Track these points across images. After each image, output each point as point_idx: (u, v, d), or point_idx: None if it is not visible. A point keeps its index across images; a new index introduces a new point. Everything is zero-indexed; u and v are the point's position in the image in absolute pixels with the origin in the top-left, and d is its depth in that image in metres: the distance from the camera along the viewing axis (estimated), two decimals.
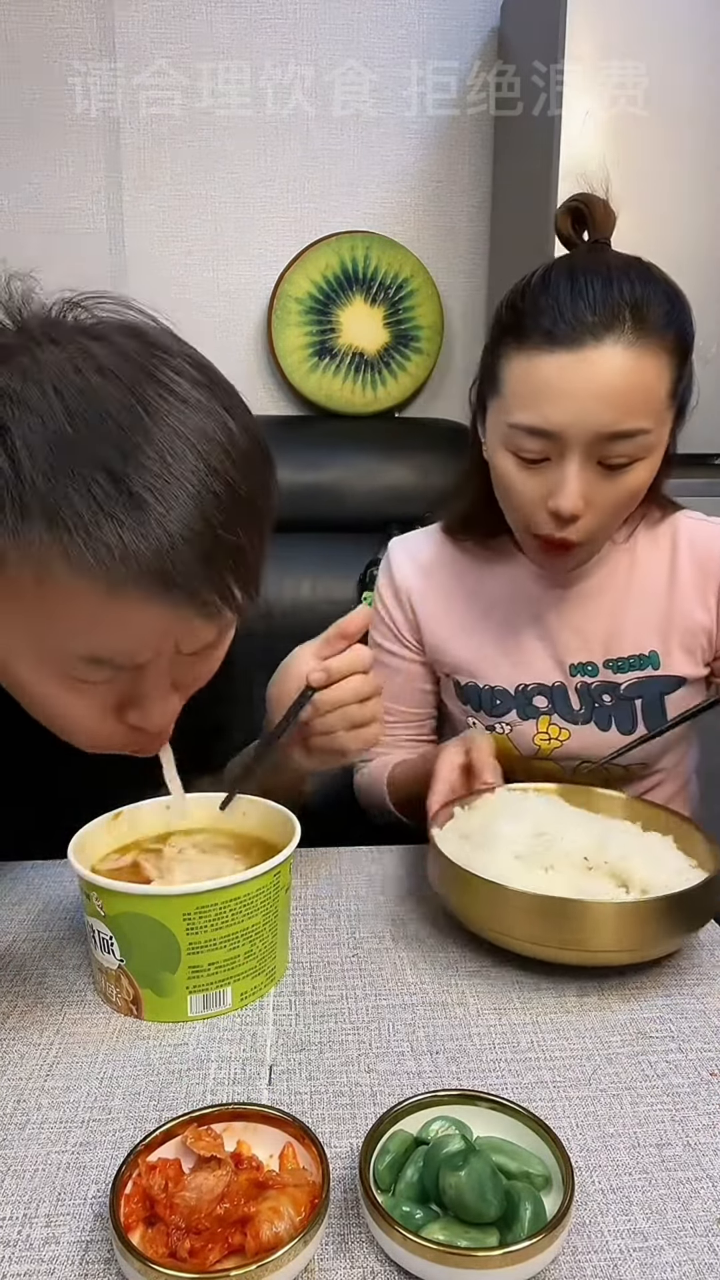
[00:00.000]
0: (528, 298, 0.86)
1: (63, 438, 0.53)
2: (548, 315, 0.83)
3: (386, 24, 2.13)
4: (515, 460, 0.88)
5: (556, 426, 0.83)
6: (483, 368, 0.93)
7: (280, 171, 2.17)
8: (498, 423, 0.89)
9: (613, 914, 0.67)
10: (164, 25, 2.07)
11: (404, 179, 2.22)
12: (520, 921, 0.69)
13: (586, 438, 0.83)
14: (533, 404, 0.84)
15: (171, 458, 0.55)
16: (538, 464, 0.87)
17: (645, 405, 0.84)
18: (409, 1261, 0.45)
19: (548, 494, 0.87)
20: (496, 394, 0.89)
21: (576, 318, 0.82)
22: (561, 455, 0.85)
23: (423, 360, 2.24)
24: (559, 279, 0.86)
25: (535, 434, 0.85)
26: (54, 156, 2.10)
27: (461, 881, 0.72)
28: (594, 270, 0.85)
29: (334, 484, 2.15)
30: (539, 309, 0.84)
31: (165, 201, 2.15)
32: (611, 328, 0.82)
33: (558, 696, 1.02)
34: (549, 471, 0.87)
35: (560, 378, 0.83)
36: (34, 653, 0.61)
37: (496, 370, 0.89)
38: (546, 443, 0.85)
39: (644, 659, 1.01)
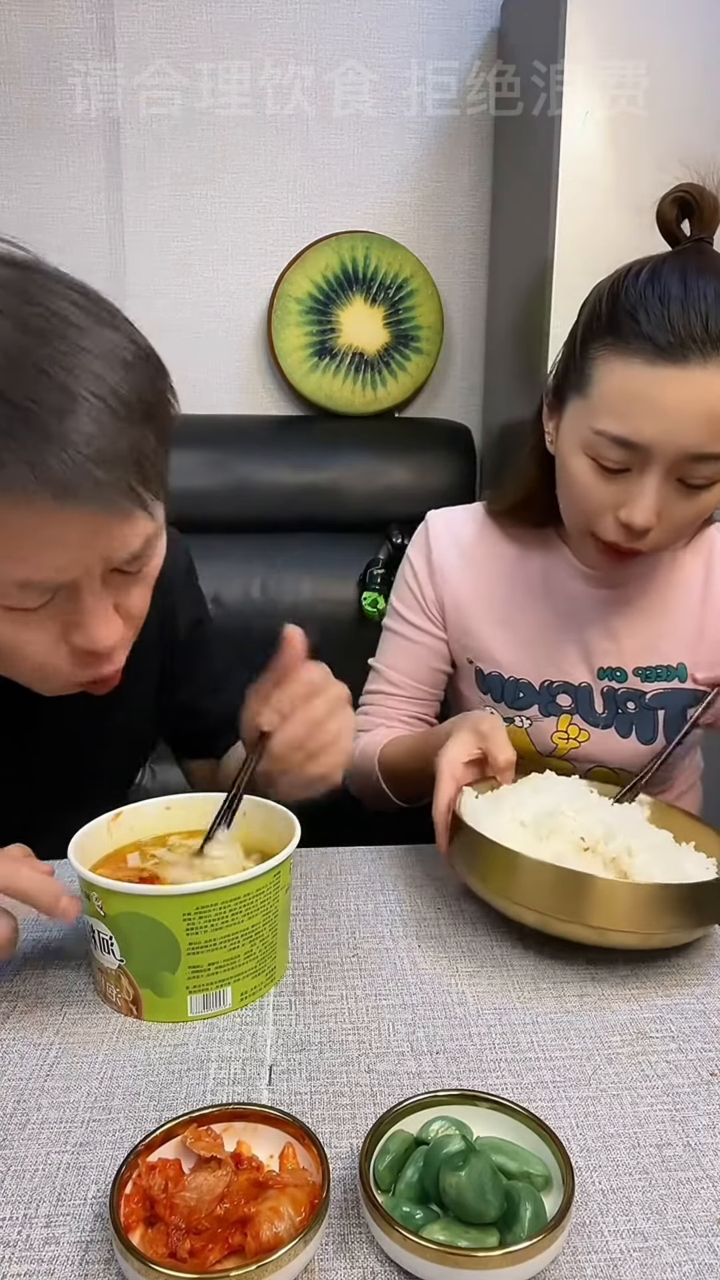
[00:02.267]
0: (633, 295, 0.81)
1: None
2: (655, 321, 0.79)
3: (386, 24, 2.13)
4: (593, 465, 0.85)
5: (646, 441, 0.80)
6: (567, 358, 0.89)
7: (280, 171, 2.17)
8: (579, 423, 0.85)
9: (627, 892, 0.67)
10: (164, 25, 2.07)
11: (404, 179, 2.22)
12: (535, 892, 0.69)
13: (674, 456, 0.81)
14: (625, 414, 0.81)
15: (61, 374, 0.57)
16: (616, 473, 0.84)
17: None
18: (409, 1262, 0.45)
19: (620, 503, 0.85)
20: (583, 393, 0.85)
21: (687, 330, 0.77)
22: (643, 468, 0.82)
23: (423, 360, 2.24)
24: (670, 280, 0.80)
25: (622, 444, 0.82)
26: (54, 156, 2.10)
27: (478, 849, 0.72)
28: (706, 276, 0.80)
29: (334, 484, 2.15)
30: (646, 309, 0.79)
31: (165, 201, 2.15)
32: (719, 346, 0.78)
33: (582, 697, 1.02)
34: (626, 482, 0.84)
35: (660, 393, 0.79)
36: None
37: (586, 367, 0.84)
38: (630, 454, 0.82)
39: (672, 670, 1.00)
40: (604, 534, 0.88)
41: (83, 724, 0.87)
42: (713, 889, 0.69)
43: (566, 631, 1.02)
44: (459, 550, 1.06)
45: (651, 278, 0.81)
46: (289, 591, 2.13)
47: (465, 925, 0.78)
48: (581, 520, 0.90)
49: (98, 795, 0.78)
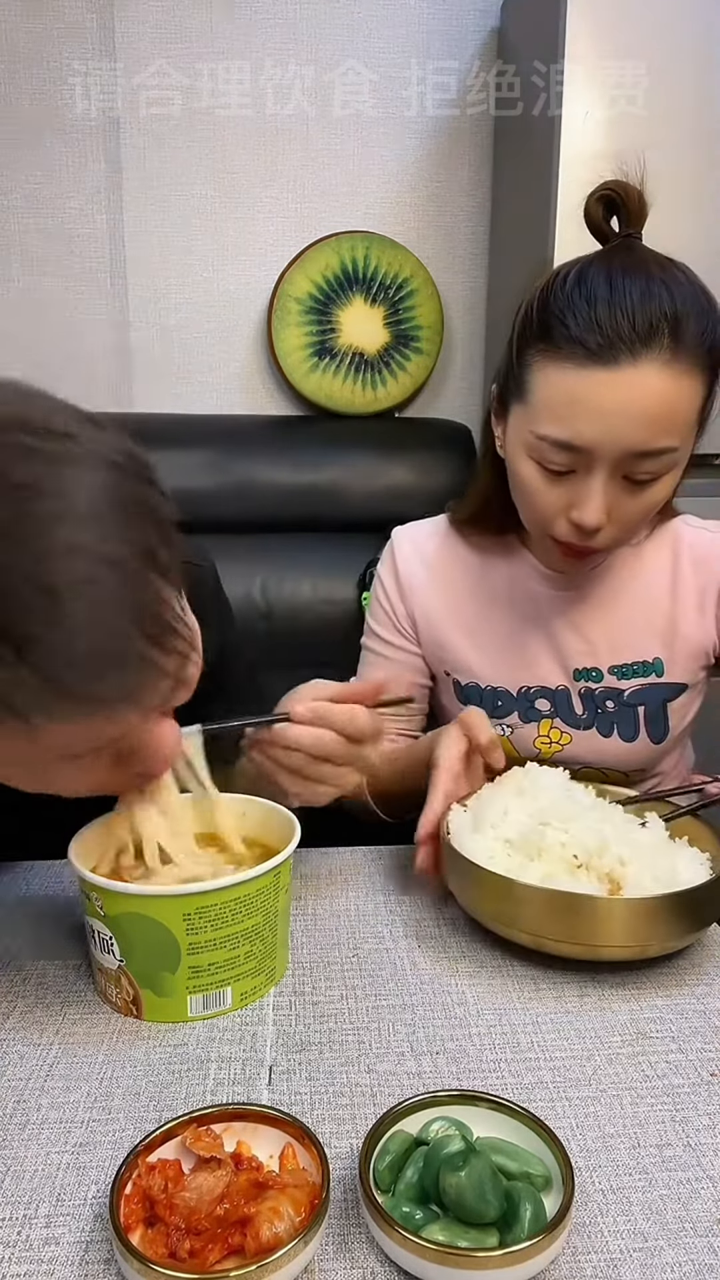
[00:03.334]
0: (560, 300, 0.82)
1: None
2: (582, 324, 0.80)
3: (386, 24, 2.13)
4: (539, 469, 0.86)
5: (587, 443, 0.81)
6: (506, 366, 0.90)
7: (280, 171, 2.17)
8: (522, 428, 0.87)
9: (621, 909, 0.67)
10: (164, 25, 2.07)
11: (404, 179, 2.22)
12: (529, 915, 0.69)
13: (616, 455, 0.81)
14: (563, 418, 0.82)
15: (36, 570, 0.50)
16: (562, 475, 0.85)
17: (677, 424, 0.82)
18: (409, 1262, 0.45)
19: (570, 504, 0.86)
20: (522, 400, 0.86)
21: (615, 331, 0.78)
22: (588, 469, 0.83)
23: (423, 360, 2.24)
24: (595, 282, 0.81)
25: (563, 448, 0.83)
26: (54, 156, 2.10)
27: (470, 875, 0.72)
28: (632, 274, 0.81)
29: (334, 484, 2.15)
30: (573, 315, 0.80)
31: (165, 201, 2.15)
32: (650, 344, 0.78)
33: (560, 700, 1.02)
34: (573, 483, 0.85)
35: (594, 395, 0.80)
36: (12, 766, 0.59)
37: (523, 374, 0.86)
38: (574, 456, 0.83)
39: (648, 665, 1.00)
40: (559, 535, 0.89)
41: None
42: (707, 891, 0.69)
43: (537, 636, 1.02)
44: (424, 564, 1.07)
45: (578, 281, 0.82)
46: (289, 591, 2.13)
47: (465, 925, 0.78)
48: (536, 522, 0.92)
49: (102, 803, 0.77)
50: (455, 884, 0.76)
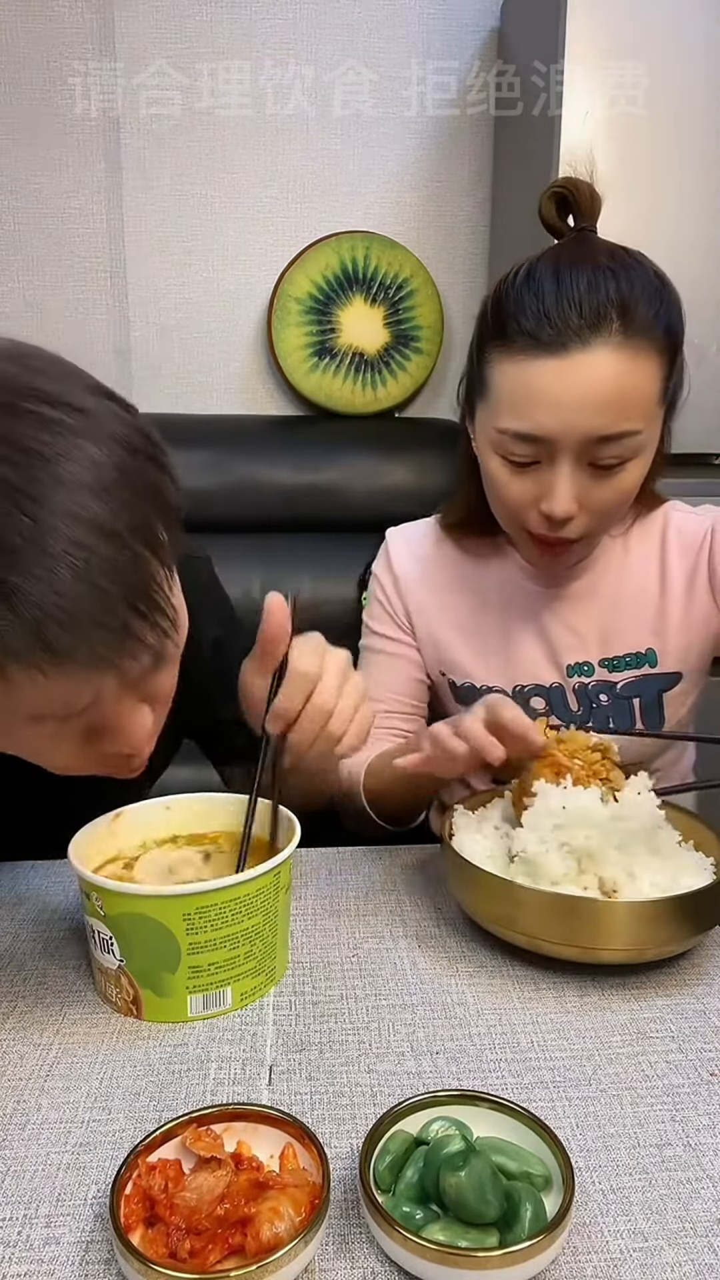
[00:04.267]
0: (511, 298, 0.84)
1: None
2: (532, 318, 0.82)
3: (386, 24, 2.13)
4: (505, 463, 0.87)
5: (546, 432, 0.82)
6: (469, 367, 0.92)
7: (280, 171, 2.17)
8: (485, 426, 0.88)
9: (621, 913, 0.67)
10: (164, 25, 2.07)
11: (404, 179, 2.22)
12: (528, 918, 0.69)
13: (577, 442, 0.82)
14: (521, 410, 0.83)
15: (32, 528, 0.51)
16: (528, 467, 0.86)
17: (636, 407, 0.82)
18: (409, 1262, 0.45)
19: (539, 496, 0.87)
20: (484, 398, 0.88)
21: (563, 321, 0.80)
22: (552, 459, 0.84)
23: (423, 360, 2.24)
24: (543, 277, 0.83)
25: (525, 439, 0.84)
26: (54, 156, 2.10)
27: (470, 877, 0.72)
28: (579, 266, 0.83)
29: (334, 484, 2.15)
30: (523, 311, 0.82)
31: (165, 201, 2.15)
32: (599, 330, 0.80)
33: (555, 698, 1.02)
34: (540, 474, 0.86)
35: (548, 384, 0.81)
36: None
37: (483, 372, 0.87)
38: (536, 447, 0.84)
39: (640, 657, 1.00)
40: (532, 528, 0.90)
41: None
42: (707, 896, 0.69)
43: (529, 633, 1.03)
44: (418, 563, 1.08)
45: (527, 276, 0.85)
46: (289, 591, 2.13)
47: (465, 925, 0.78)
48: (512, 520, 0.92)
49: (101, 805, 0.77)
50: (455, 885, 0.76)
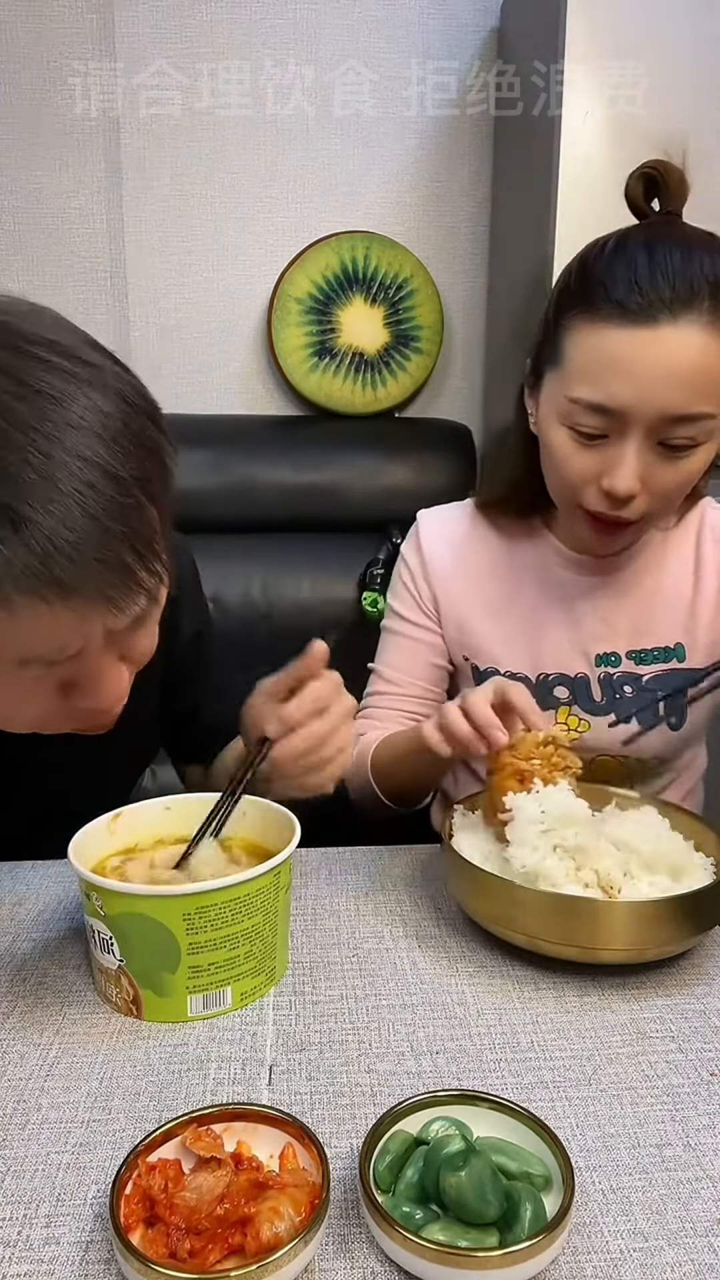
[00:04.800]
0: (600, 264, 0.82)
1: None
2: (622, 286, 0.79)
3: (386, 24, 2.13)
4: (571, 435, 0.85)
5: (621, 405, 0.80)
6: (541, 334, 0.89)
7: (280, 171, 2.17)
8: (555, 395, 0.86)
9: (620, 913, 0.67)
10: (164, 25, 2.07)
11: (404, 179, 2.22)
12: (528, 918, 0.69)
13: (651, 418, 0.80)
14: (598, 379, 0.81)
15: (45, 464, 0.53)
16: (594, 441, 0.84)
17: (714, 388, 0.80)
18: (409, 1262, 0.45)
19: (602, 472, 0.84)
20: (557, 365, 0.86)
21: (654, 291, 0.78)
22: (622, 434, 0.82)
23: (423, 360, 2.24)
24: (635, 248, 0.82)
25: (597, 411, 0.82)
26: (54, 156, 2.10)
27: (469, 877, 0.72)
28: (672, 242, 0.81)
29: (334, 484, 2.15)
30: (613, 278, 0.80)
31: (165, 201, 2.15)
32: (690, 305, 0.78)
33: (579, 688, 1.01)
34: (606, 449, 0.84)
35: (631, 355, 0.79)
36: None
37: (559, 339, 0.85)
38: (607, 420, 0.82)
39: (669, 651, 1.00)
40: (589, 505, 0.88)
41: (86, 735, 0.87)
42: (706, 896, 0.69)
43: (559, 620, 1.02)
44: (450, 546, 1.07)
45: (618, 246, 0.83)
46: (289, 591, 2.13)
47: (465, 925, 0.78)
48: (567, 494, 0.90)
49: (99, 800, 0.77)
50: (455, 885, 0.76)
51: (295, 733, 0.76)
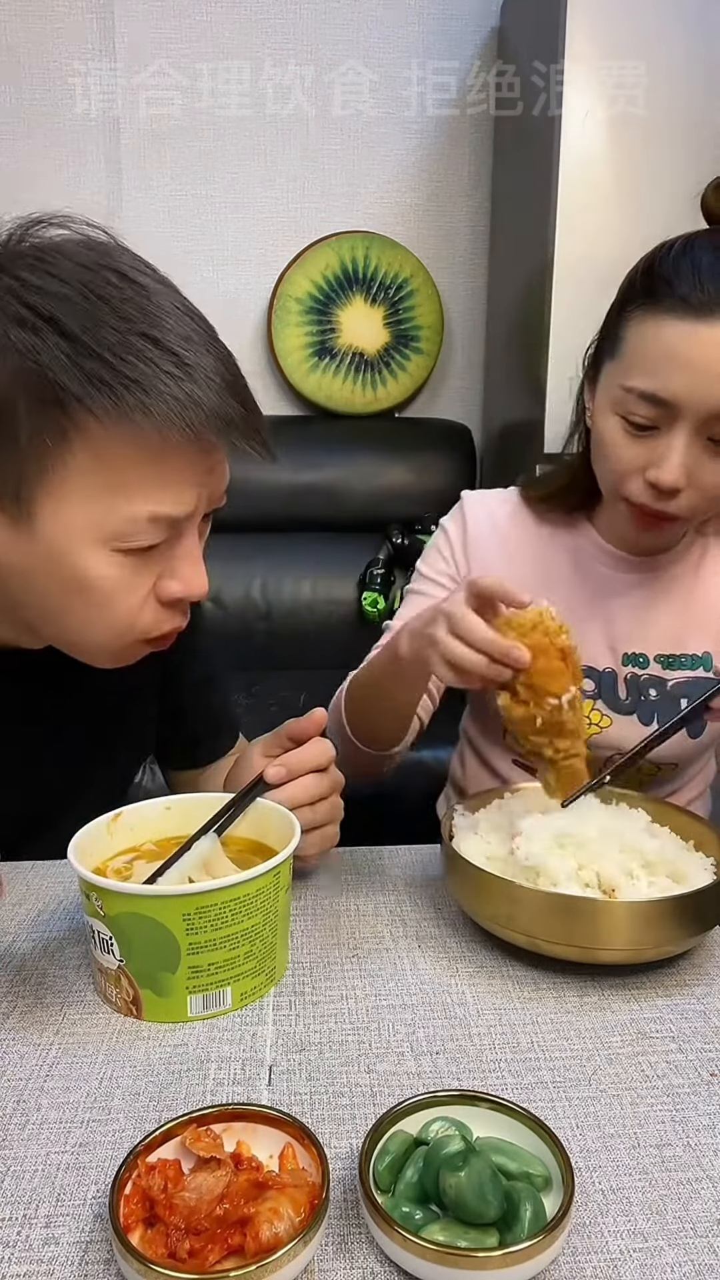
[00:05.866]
0: (667, 261, 0.85)
1: (96, 318, 0.60)
2: (686, 282, 0.82)
3: (386, 24, 2.13)
4: (622, 424, 0.87)
5: (673, 395, 0.82)
6: (604, 328, 0.92)
7: (280, 171, 2.17)
8: (611, 384, 0.88)
9: (620, 913, 0.67)
10: (164, 25, 2.08)
11: (404, 179, 2.22)
12: (527, 918, 0.69)
13: (702, 412, 0.82)
14: (653, 369, 0.83)
15: (179, 323, 0.63)
16: (644, 432, 0.86)
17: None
18: (409, 1262, 0.45)
19: (648, 464, 0.86)
20: (615, 355, 0.88)
21: (715, 288, 0.81)
22: (671, 426, 0.84)
23: (423, 360, 2.24)
24: (703, 248, 0.84)
25: (649, 400, 0.83)
26: (54, 156, 2.10)
27: (469, 877, 0.72)
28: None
29: (334, 484, 2.15)
30: (678, 274, 0.83)
31: (165, 201, 2.15)
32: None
33: (606, 683, 1.02)
34: (655, 442, 0.85)
35: (687, 345, 0.81)
36: (96, 529, 0.65)
37: (620, 331, 0.87)
38: (659, 411, 0.84)
39: (697, 659, 1.00)
40: (633, 496, 0.89)
41: (85, 725, 0.87)
42: (706, 896, 0.69)
43: (593, 615, 1.02)
44: (494, 527, 1.07)
45: (686, 246, 0.86)
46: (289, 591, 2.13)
47: (465, 925, 0.78)
48: (613, 484, 0.91)
49: (97, 795, 0.78)
50: (455, 885, 0.76)
51: (295, 783, 0.76)
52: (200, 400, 0.62)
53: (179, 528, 0.67)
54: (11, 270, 0.63)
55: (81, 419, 0.61)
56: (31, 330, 0.60)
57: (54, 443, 0.62)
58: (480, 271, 2.28)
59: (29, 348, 0.60)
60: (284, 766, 0.76)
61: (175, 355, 0.61)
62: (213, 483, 0.68)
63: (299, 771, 0.77)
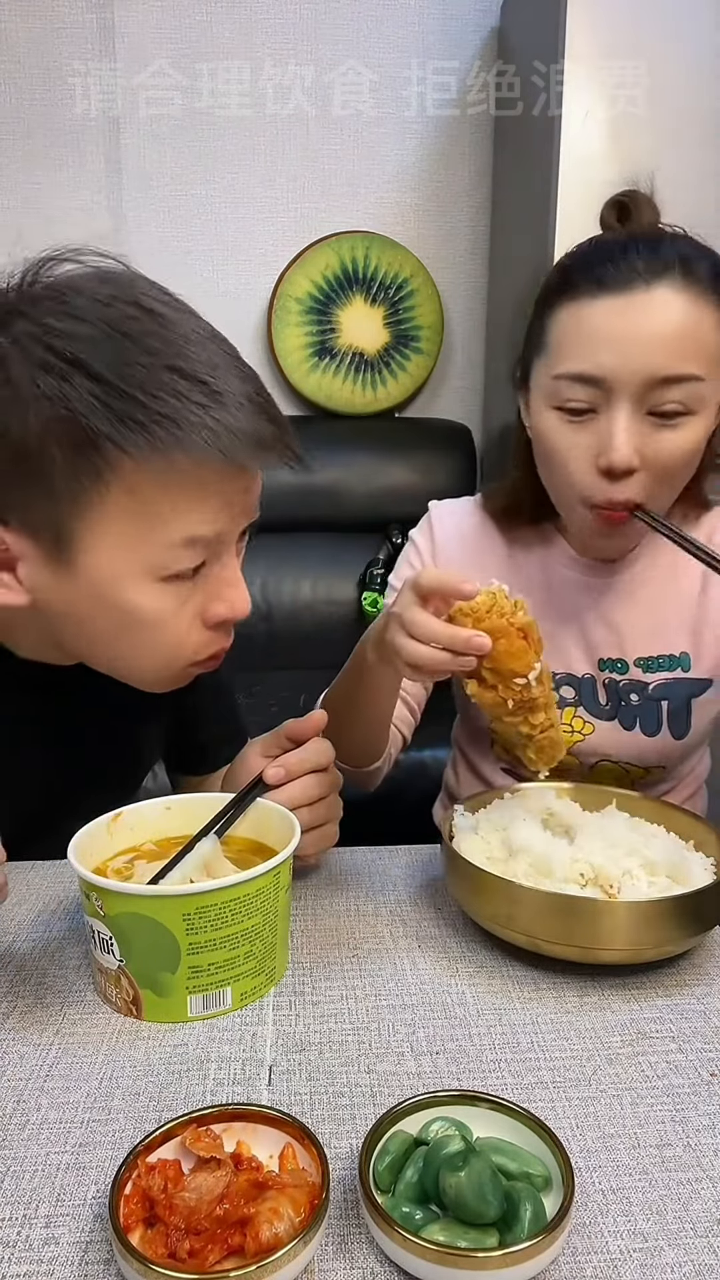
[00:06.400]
0: (578, 258, 0.87)
1: (121, 356, 0.61)
2: (598, 265, 0.84)
3: (386, 24, 2.13)
4: (561, 416, 0.86)
5: (605, 371, 0.82)
6: (527, 335, 0.92)
7: (280, 171, 2.17)
8: (542, 380, 0.88)
9: (620, 913, 0.67)
10: (164, 25, 2.08)
11: (404, 179, 2.22)
12: (527, 918, 0.69)
13: (636, 384, 0.82)
14: (581, 350, 0.83)
15: (202, 350, 0.63)
16: (584, 417, 0.85)
17: (697, 349, 0.82)
18: (409, 1262, 0.45)
19: (597, 452, 0.85)
20: (542, 352, 0.88)
21: (627, 264, 0.83)
22: (609, 405, 0.83)
23: (423, 360, 2.24)
24: (610, 238, 0.87)
25: (583, 381, 0.83)
26: (54, 156, 2.10)
27: (469, 877, 0.72)
28: (644, 231, 0.87)
29: (334, 484, 2.15)
30: (590, 261, 0.85)
31: (165, 201, 2.15)
32: (662, 275, 0.82)
33: (585, 689, 1.01)
34: (596, 425, 0.85)
35: (607, 322, 0.82)
36: (138, 561, 0.65)
37: (543, 330, 0.88)
38: (594, 391, 0.83)
39: (674, 660, 1.00)
40: (592, 495, 0.87)
41: (100, 731, 0.88)
42: (706, 896, 0.68)
43: (566, 623, 1.02)
44: (461, 539, 1.07)
45: (591, 241, 0.89)
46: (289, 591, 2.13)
47: (465, 925, 0.78)
48: (569, 489, 0.90)
49: (101, 798, 0.78)
50: (455, 885, 0.76)
51: (294, 783, 0.76)
52: (232, 426, 0.62)
53: (217, 549, 0.68)
54: (31, 315, 0.63)
55: (116, 459, 0.61)
56: (59, 376, 0.60)
57: (90, 484, 0.62)
58: (480, 271, 2.28)
59: (58, 394, 0.60)
60: (283, 767, 0.76)
61: (204, 384, 0.62)
62: (248, 501, 0.69)
63: (298, 772, 0.77)
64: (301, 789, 0.77)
